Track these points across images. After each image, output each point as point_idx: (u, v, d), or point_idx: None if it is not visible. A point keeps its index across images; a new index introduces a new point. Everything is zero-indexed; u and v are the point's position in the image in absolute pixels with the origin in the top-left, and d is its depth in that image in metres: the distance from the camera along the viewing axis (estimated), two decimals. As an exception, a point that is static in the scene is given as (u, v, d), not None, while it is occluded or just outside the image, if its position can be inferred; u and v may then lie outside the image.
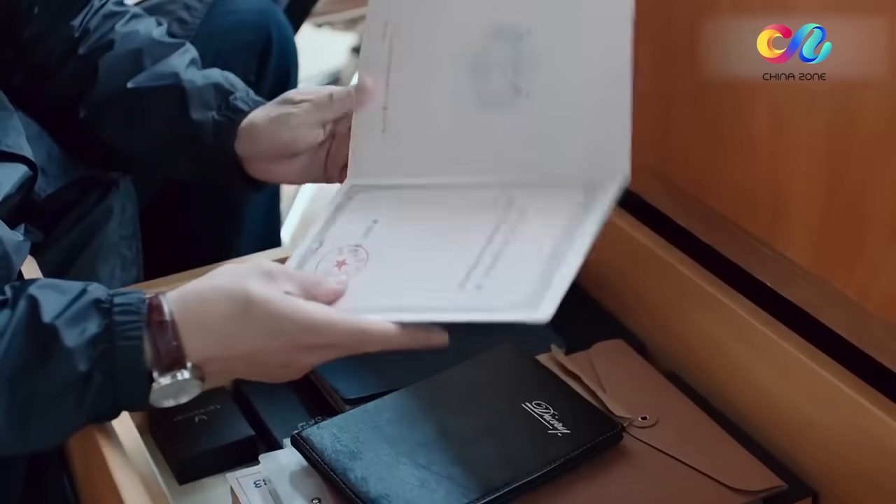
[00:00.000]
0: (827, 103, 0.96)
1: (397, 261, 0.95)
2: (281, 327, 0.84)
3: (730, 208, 1.10)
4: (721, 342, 1.11)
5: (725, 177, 1.10)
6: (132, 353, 0.83)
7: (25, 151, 1.08)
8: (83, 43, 1.20)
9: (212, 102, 1.14)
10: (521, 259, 0.91)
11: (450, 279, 0.91)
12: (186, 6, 1.31)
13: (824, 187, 0.99)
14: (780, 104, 1.01)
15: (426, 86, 1.05)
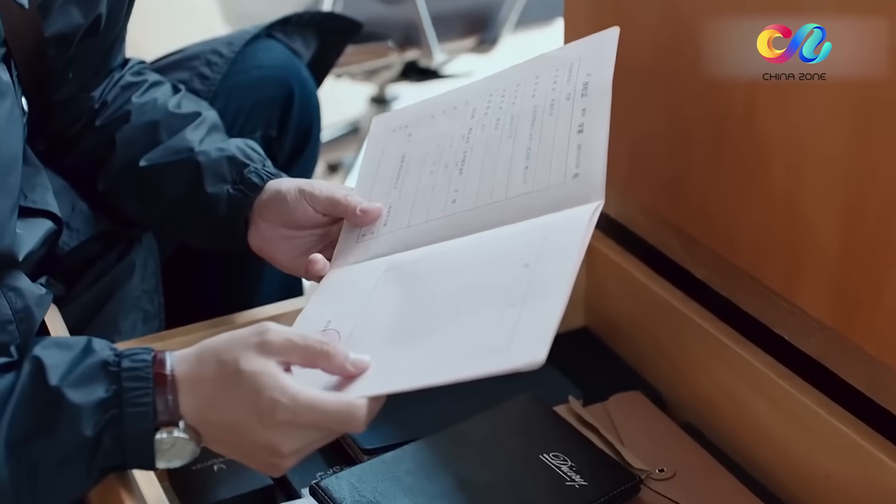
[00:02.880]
0: (844, 158, 0.97)
1: (383, 329, 0.94)
2: (262, 403, 0.83)
3: (747, 261, 1.11)
4: (738, 394, 1.11)
5: (742, 230, 1.11)
6: (141, 420, 0.83)
7: (51, 206, 1.10)
8: (101, 115, 1.22)
9: (226, 176, 1.15)
10: (503, 298, 0.88)
11: (439, 336, 0.89)
12: (208, 62, 1.33)
13: (841, 241, 0.99)
14: (796, 158, 1.02)
15: (424, 205, 1.07)
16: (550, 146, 1.00)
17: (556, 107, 1.03)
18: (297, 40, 1.40)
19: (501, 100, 1.09)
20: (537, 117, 1.04)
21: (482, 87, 1.12)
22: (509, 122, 1.06)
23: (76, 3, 1.09)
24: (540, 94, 1.05)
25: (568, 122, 1.00)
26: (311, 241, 1.12)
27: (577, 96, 1.02)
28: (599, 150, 0.96)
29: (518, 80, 1.09)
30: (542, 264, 0.88)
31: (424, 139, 1.13)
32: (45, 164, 1.16)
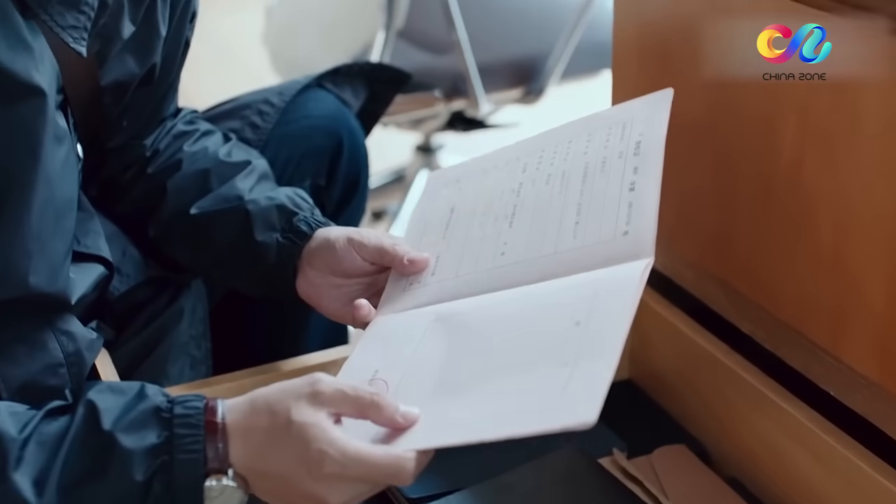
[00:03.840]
0: (893, 218, 0.97)
1: (431, 380, 0.94)
2: (311, 455, 0.83)
3: (792, 316, 1.11)
4: (783, 449, 1.11)
5: (788, 285, 1.11)
6: (191, 467, 0.84)
7: (103, 252, 1.11)
8: (152, 163, 1.25)
9: (276, 224, 1.17)
10: (554, 356, 0.89)
11: (488, 390, 0.89)
12: (260, 111, 1.35)
13: (887, 298, 0.99)
14: (844, 216, 1.02)
15: (472, 256, 1.08)
16: (601, 203, 1.01)
17: (608, 164, 1.03)
18: (346, 90, 1.42)
19: (553, 156, 1.10)
20: (589, 174, 1.04)
21: (534, 143, 1.14)
22: (560, 178, 1.07)
23: (132, 52, 1.11)
24: (592, 152, 1.06)
25: (619, 180, 1.01)
26: (359, 289, 1.13)
27: (630, 155, 1.02)
28: (650, 209, 0.96)
29: (570, 136, 1.10)
30: (594, 323, 0.88)
31: (475, 192, 1.14)
32: (98, 209, 1.18)
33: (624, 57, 1.31)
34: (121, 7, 1.06)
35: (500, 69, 2.19)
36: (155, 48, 1.14)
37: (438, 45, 2.20)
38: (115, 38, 1.07)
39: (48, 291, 0.99)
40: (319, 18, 2.34)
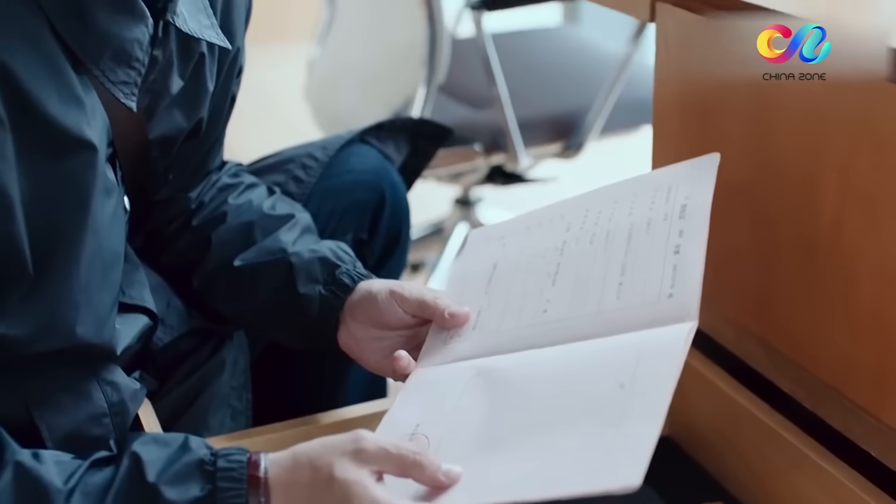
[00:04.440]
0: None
1: (473, 437, 0.95)
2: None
3: (832, 375, 1.11)
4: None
5: (828, 344, 1.11)
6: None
7: (148, 303, 1.13)
8: (197, 215, 1.27)
9: (318, 277, 1.18)
10: (597, 418, 0.89)
11: (531, 449, 0.90)
12: (304, 165, 1.36)
13: (929, 358, 0.99)
14: (886, 275, 1.02)
15: (514, 312, 1.09)
16: (645, 264, 1.01)
17: (653, 226, 1.04)
18: (389, 145, 1.43)
19: (598, 215, 1.10)
20: (633, 235, 1.05)
21: (578, 203, 1.14)
22: (605, 238, 1.07)
23: (180, 106, 1.13)
24: (637, 213, 1.07)
25: (664, 243, 1.01)
26: (400, 342, 1.14)
27: (675, 218, 1.03)
28: (695, 273, 0.97)
29: (615, 197, 1.11)
30: (639, 386, 0.89)
31: (518, 248, 1.15)
32: (143, 260, 1.19)
33: (665, 114, 1.31)
34: (170, 63, 1.08)
35: (540, 124, 2.20)
36: (202, 103, 1.16)
37: (479, 99, 2.22)
38: (164, 93, 1.09)
39: (95, 342, 1.01)
40: (361, 73, 2.37)
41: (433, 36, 2.04)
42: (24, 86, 0.90)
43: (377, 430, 1.00)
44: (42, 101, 0.92)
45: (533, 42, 2.60)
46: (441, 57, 2.06)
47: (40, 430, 0.99)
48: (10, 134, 0.90)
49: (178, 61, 1.09)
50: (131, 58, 1.00)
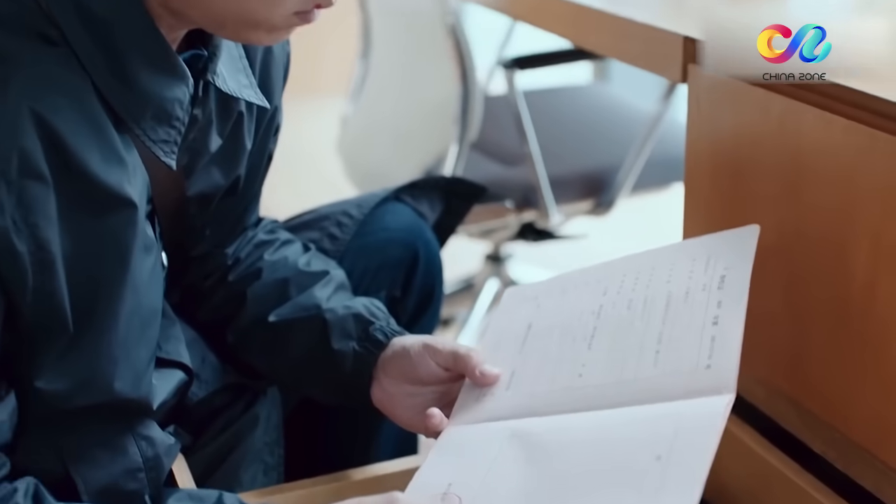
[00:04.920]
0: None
1: (507, 501, 0.95)
2: None
3: (864, 437, 1.10)
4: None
5: (861, 404, 1.11)
6: None
7: (184, 358, 1.14)
8: (233, 271, 1.28)
9: (352, 333, 1.20)
10: (634, 489, 0.89)
11: None
12: (339, 223, 1.38)
13: (962, 421, 0.99)
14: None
15: (549, 374, 1.09)
16: (683, 334, 1.02)
17: (691, 296, 1.05)
18: (423, 203, 1.45)
19: (635, 281, 1.11)
20: (671, 303, 1.06)
21: (616, 267, 1.15)
22: (642, 305, 1.08)
23: (218, 164, 1.15)
24: (675, 282, 1.08)
25: (703, 313, 1.02)
26: (433, 399, 1.14)
27: (714, 288, 1.04)
28: (734, 345, 0.98)
29: (653, 264, 1.12)
30: (675, 457, 0.89)
31: (553, 310, 1.15)
32: (178, 314, 1.21)
33: (696, 173, 1.32)
34: (209, 122, 1.10)
35: (571, 181, 2.21)
36: (240, 161, 1.18)
37: (510, 156, 2.24)
38: (202, 151, 1.11)
39: (131, 397, 1.02)
40: (394, 129, 2.39)
41: (466, 94, 2.06)
42: (68, 144, 0.92)
43: (408, 488, 1.00)
44: (85, 159, 0.93)
45: (564, 99, 2.62)
46: (474, 115, 2.08)
47: (76, 484, 1.01)
48: (54, 191, 0.92)
49: (217, 120, 1.11)
50: (172, 117, 1.02)
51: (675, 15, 1.57)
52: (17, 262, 0.91)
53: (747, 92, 1.19)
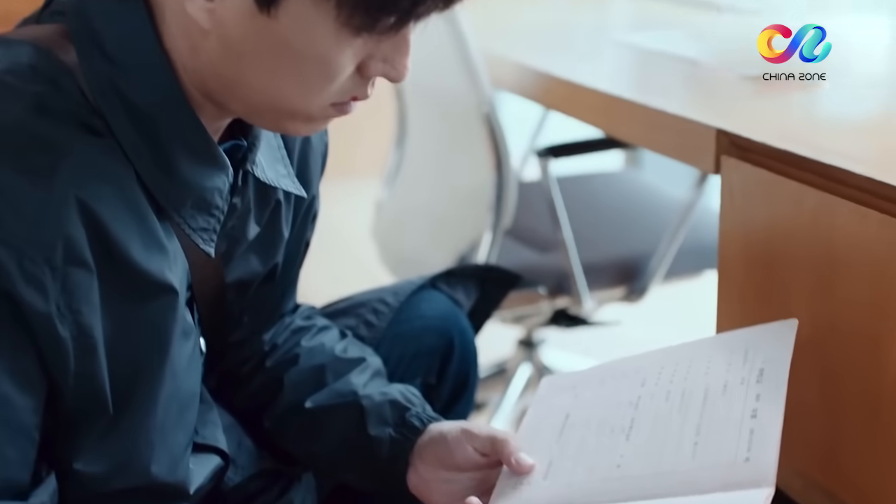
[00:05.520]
0: None
1: None
2: None
3: (901, 530, 1.10)
4: None
5: (894, 496, 1.10)
6: None
7: (220, 443, 1.15)
8: (271, 357, 1.30)
9: (389, 419, 1.21)
10: None
11: None
12: (375, 310, 1.39)
13: None
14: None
15: (586, 464, 1.10)
16: (722, 426, 1.02)
17: (730, 389, 1.05)
18: (459, 290, 1.46)
19: (673, 373, 1.12)
20: (709, 396, 1.06)
21: (654, 359, 1.16)
22: (680, 397, 1.08)
23: (256, 252, 1.17)
24: (713, 374, 1.08)
25: (741, 405, 1.02)
26: (470, 485, 1.15)
27: (752, 381, 1.04)
28: (773, 439, 0.98)
29: (691, 356, 1.12)
30: None
31: (591, 400, 1.16)
32: (215, 399, 1.22)
33: (730, 263, 1.33)
34: (248, 210, 1.12)
35: (604, 268, 2.22)
36: (278, 249, 1.19)
37: (543, 242, 2.25)
38: (241, 239, 1.13)
39: (168, 481, 1.03)
40: (428, 215, 2.41)
41: (501, 182, 2.08)
42: (111, 232, 0.94)
43: None
44: (127, 246, 0.95)
45: (597, 186, 2.64)
46: (508, 202, 2.09)
47: (111, 567, 1.01)
48: (97, 278, 0.93)
49: (256, 208, 1.13)
50: (211, 205, 1.03)
51: (706, 104, 1.59)
52: (60, 347, 0.92)
53: (780, 184, 1.20)
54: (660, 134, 1.50)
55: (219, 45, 0.95)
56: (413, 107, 2.43)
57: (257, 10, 0.92)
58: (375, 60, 0.97)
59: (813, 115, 1.52)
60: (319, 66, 0.95)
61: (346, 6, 0.91)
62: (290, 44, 0.93)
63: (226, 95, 0.99)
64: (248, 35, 0.93)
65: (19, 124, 0.91)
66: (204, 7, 0.93)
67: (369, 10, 0.91)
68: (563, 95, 1.83)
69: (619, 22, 2.70)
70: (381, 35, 0.94)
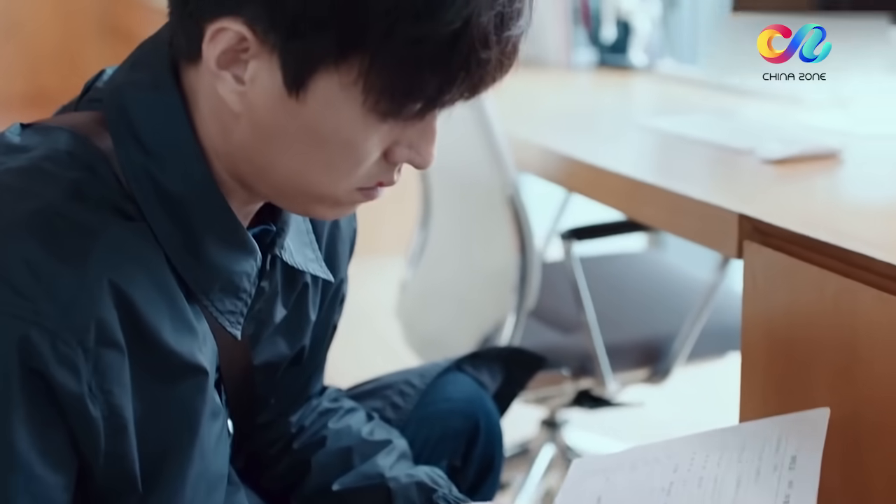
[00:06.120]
0: None
1: None
2: None
3: None
4: None
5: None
6: None
7: (248, 528, 1.16)
8: (298, 439, 1.31)
9: (415, 501, 1.22)
10: None
11: None
12: (401, 392, 1.40)
13: None
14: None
15: None
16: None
17: (762, 476, 1.06)
18: (484, 373, 1.47)
19: (705, 460, 1.12)
20: (742, 483, 1.07)
21: (685, 444, 1.16)
22: (713, 484, 1.09)
23: (283, 334, 1.18)
24: (746, 461, 1.09)
25: (774, 492, 1.03)
26: None
27: (785, 469, 1.05)
28: None
29: (723, 443, 1.13)
30: None
31: (623, 485, 1.16)
32: (243, 481, 1.22)
33: (753, 347, 1.34)
34: (275, 293, 1.13)
35: (628, 349, 2.22)
36: (305, 332, 1.21)
37: (567, 323, 2.26)
38: (268, 321, 1.14)
39: (196, 561, 1.04)
40: (453, 296, 2.42)
41: (525, 264, 2.10)
42: (143, 315, 0.96)
43: None
44: (158, 328, 0.97)
45: (620, 267, 2.65)
46: (532, 285, 2.11)
47: None
48: (128, 359, 0.95)
49: (283, 291, 1.15)
50: (239, 289, 1.05)
51: (728, 189, 1.61)
52: (91, 426, 0.94)
53: (802, 269, 1.21)
54: (682, 218, 1.51)
55: (249, 129, 0.98)
56: (438, 187, 2.46)
57: (286, 94, 0.94)
58: (401, 146, 0.99)
59: (834, 198, 1.53)
60: (346, 151, 0.97)
61: (373, 92, 0.93)
62: (317, 128, 0.95)
63: (256, 178, 1.01)
64: (277, 119, 0.96)
65: (56, 209, 0.93)
66: (235, 90, 0.96)
67: (395, 96, 0.93)
68: (587, 179, 1.85)
69: (642, 106, 2.73)
70: (406, 121, 0.96)
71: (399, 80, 0.92)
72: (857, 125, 1.95)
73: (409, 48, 0.91)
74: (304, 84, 0.93)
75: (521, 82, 2.64)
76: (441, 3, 0.90)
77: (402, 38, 0.90)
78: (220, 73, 0.95)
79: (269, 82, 0.94)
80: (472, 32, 0.91)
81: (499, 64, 0.95)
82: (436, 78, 0.93)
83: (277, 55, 0.93)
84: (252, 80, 0.95)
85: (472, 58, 0.92)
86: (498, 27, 0.92)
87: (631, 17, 3.02)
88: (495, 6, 0.92)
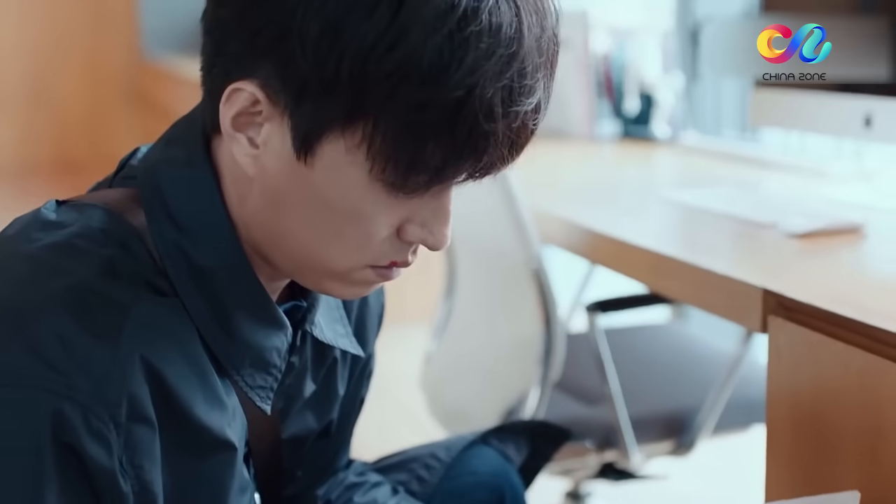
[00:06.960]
0: None
1: None
2: None
3: None
4: None
5: None
6: None
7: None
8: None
9: None
10: None
11: None
12: (427, 465, 1.40)
13: None
14: None
15: None
16: None
17: None
18: (510, 446, 1.47)
19: None
20: None
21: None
22: None
23: (311, 408, 1.19)
24: None
25: None
26: None
27: None
28: None
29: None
30: None
31: None
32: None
33: (778, 422, 1.34)
34: (304, 368, 1.15)
35: (652, 422, 2.22)
36: (333, 406, 1.22)
37: (591, 395, 2.26)
38: (297, 396, 1.15)
39: None
40: (477, 368, 2.43)
41: (549, 337, 2.10)
42: (174, 389, 0.97)
43: None
44: (189, 403, 0.98)
45: (644, 338, 2.65)
46: (556, 357, 2.11)
47: None
48: (159, 434, 0.96)
49: (312, 366, 1.16)
50: (269, 364, 1.06)
51: (752, 263, 1.62)
52: (121, 501, 0.94)
53: (827, 345, 1.22)
54: (706, 293, 1.52)
55: (261, 194, 0.99)
56: (462, 259, 2.47)
57: (295, 159, 0.95)
58: (414, 225, 0.99)
59: (859, 273, 1.54)
60: (354, 221, 0.97)
61: (379, 159, 0.92)
62: (325, 194, 0.96)
63: (271, 248, 1.02)
64: (287, 184, 0.97)
65: (89, 285, 0.95)
66: (249, 153, 0.97)
67: (399, 164, 0.93)
68: (610, 252, 1.86)
69: (665, 178, 2.75)
70: (415, 196, 0.96)
71: (403, 147, 0.92)
72: (880, 199, 1.96)
73: (412, 114, 0.90)
74: (311, 148, 0.94)
75: (544, 154, 2.67)
76: (445, 69, 0.89)
77: (404, 102, 0.90)
78: (236, 135, 0.97)
79: (280, 146, 0.95)
80: (476, 103, 0.90)
81: (506, 139, 0.93)
82: (440, 149, 0.92)
83: (288, 118, 0.94)
84: (265, 143, 0.96)
85: (476, 129, 0.91)
86: (505, 101, 0.92)
87: (654, 89, 3.05)
88: (502, 79, 0.91)
